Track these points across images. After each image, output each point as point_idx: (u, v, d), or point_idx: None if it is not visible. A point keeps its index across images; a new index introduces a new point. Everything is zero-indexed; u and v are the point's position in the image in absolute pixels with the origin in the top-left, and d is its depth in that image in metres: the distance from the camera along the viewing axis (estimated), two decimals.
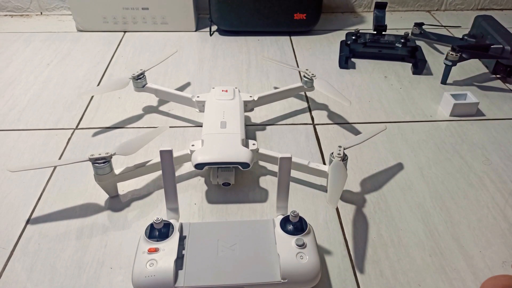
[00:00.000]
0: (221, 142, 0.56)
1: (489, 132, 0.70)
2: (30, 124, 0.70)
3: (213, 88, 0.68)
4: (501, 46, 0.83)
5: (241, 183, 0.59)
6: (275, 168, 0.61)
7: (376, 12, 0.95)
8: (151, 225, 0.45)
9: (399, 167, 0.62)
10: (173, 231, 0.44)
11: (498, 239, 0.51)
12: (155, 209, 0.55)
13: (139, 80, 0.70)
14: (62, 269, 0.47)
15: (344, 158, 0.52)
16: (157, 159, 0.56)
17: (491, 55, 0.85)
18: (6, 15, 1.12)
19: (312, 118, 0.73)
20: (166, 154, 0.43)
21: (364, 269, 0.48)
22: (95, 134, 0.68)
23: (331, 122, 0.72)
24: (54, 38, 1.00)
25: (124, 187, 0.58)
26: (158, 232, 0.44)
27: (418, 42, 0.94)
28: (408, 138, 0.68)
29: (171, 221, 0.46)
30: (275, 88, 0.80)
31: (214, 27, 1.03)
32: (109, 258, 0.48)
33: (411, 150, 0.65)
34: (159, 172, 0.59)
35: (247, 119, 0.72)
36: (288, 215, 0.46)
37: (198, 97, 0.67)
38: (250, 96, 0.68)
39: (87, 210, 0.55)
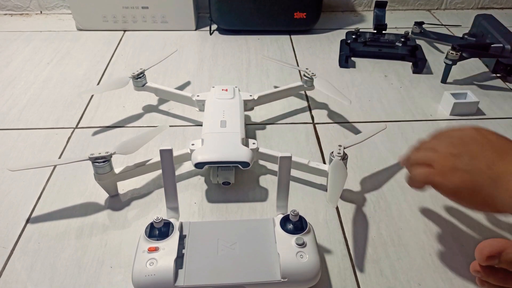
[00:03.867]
0: (221, 141, 0.55)
1: None
2: (30, 123, 0.70)
3: (213, 87, 0.68)
4: (501, 45, 0.83)
5: (241, 182, 0.59)
6: (275, 167, 0.61)
7: (376, 11, 0.95)
8: (151, 224, 0.45)
9: (399, 166, 0.62)
10: (173, 230, 0.44)
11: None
12: (155, 208, 0.55)
13: (139, 79, 0.70)
14: (62, 268, 0.47)
15: (344, 157, 0.52)
16: (157, 158, 0.56)
17: (491, 54, 0.85)
18: (5, 14, 1.11)
19: (312, 117, 0.73)
20: (166, 153, 0.43)
21: (364, 268, 0.48)
22: (95, 133, 0.68)
23: (331, 121, 0.72)
24: (54, 37, 1.00)
25: (124, 186, 0.58)
26: (158, 231, 0.44)
27: (418, 41, 0.94)
28: (408, 137, 0.68)
29: (171, 220, 0.46)
30: (275, 87, 0.80)
31: (214, 26, 1.03)
32: (109, 257, 0.48)
33: None
34: (159, 171, 0.59)
35: (247, 118, 0.72)
36: (288, 214, 0.46)
37: (198, 96, 0.67)
38: (250, 95, 0.68)
39: (87, 209, 0.55)
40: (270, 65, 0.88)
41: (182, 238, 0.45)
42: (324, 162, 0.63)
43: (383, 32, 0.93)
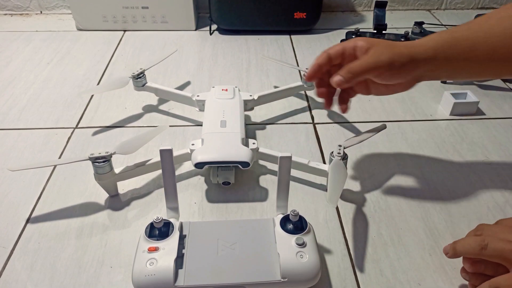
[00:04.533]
0: (221, 141, 0.55)
1: (489, 131, 0.69)
2: (30, 123, 0.70)
3: (213, 87, 0.68)
4: None
5: (241, 182, 0.59)
6: (275, 167, 0.61)
7: (376, 11, 0.95)
8: (151, 224, 0.45)
9: (399, 166, 0.62)
10: (173, 230, 0.44)
11: None
12: (155, 208, 0.55)
13: (139, 79, 0.70)
14: (62, 268, 0.47)
15: (344, 157, 0.52)
16: (157, 158, 0.56)
17: None
18: (6, 14, 1.11)
19: (312, 117, 0.73)
20: (166, 153, 0.43)
21: (364, 268, 0.48)
22: (95, 133, 0.68)
23: (331, 121, 0.72)
24: (54, 37, 1.00)
25: (124, 186, 0.58)
26: (158, 231, 0.44)
27: None
28: (408, 137, 0.68)
29: (171, 220, 0.46)
30: (275, 87, 0.80)
31: (214, 26, 1.03)
32: (109, 257, 0.48)
33: (411, 149, 0.65)
34: (159, 171, 0.59)
35: (247, 118, 0.72)
36: (288, 214, 0.46)
37: (198, 96, 0.67)
38: (250, 95, 0.68)
39: (87, 209, 0.55)
40: (270, 65, 0.88)
41: (182, 238, 0.45)
42: (324, 162, 0.63)
43: (383, 32, 0.93)
